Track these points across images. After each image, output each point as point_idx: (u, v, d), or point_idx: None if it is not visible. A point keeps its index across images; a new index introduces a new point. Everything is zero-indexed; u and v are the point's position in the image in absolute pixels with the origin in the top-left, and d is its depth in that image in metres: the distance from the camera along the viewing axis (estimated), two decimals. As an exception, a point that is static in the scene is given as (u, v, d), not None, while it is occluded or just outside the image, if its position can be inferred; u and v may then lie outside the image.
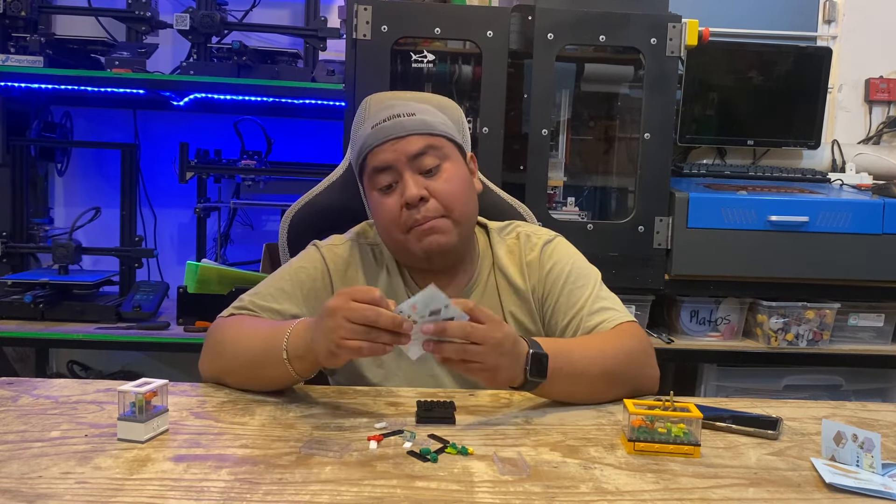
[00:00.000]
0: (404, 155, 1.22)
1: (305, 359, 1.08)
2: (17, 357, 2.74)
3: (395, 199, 1.22)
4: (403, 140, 1.22)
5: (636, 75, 2.43)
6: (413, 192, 1.20)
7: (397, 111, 1.26)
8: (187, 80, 2.49)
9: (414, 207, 1.21)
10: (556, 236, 1.36)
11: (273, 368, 1.11)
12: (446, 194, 1.22)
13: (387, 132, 1.23)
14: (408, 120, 1.24)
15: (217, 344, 1.21)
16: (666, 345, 2.38)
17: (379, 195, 1.25)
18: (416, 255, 1.24)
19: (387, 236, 1.27)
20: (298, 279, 1.27)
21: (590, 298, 1.27)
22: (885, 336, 2.50)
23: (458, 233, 1.24)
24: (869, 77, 2.89)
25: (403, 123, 1.24)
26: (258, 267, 2.53)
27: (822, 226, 2.34)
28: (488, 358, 1.02)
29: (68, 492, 0.80)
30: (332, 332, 1.00)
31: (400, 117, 1.24)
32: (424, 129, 1.24)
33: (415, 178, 1.22)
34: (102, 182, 2.88)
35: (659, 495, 0.85)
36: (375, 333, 0.98)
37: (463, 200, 1.25)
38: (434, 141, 1.24)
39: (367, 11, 2.21)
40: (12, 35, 2.49)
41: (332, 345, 1.00)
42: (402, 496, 0.82)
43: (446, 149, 1.26)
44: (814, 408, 1.20)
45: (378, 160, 1.23)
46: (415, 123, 1.24)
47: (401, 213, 1.22)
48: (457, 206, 1.23)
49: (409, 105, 1.29)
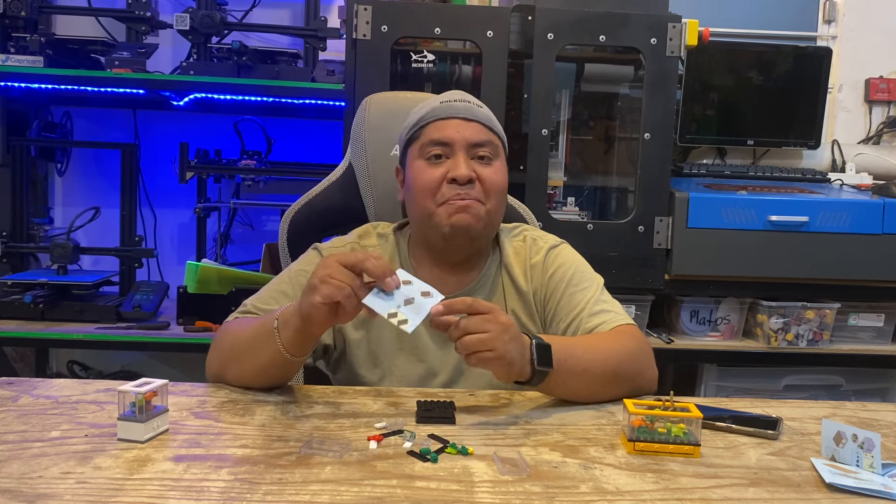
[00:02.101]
0: (465, 139, 1.27)
1: (289, 323, 1.09)
2: (17, 357, 2.74)
3: (441, 170, 1.26)
4: (470, 124, 1.28)
5: (636, 75, 2.43)
6: (464, 172, 1.24)
7: (468, 98, 1.32)
8: (187, 80, 2.49)
9: (459, 185, 1.24)
10: (561, 242, 1.38)
11: (264, 345, 1.12)
12: (491, 183, 1.27)
13: (457, 110, 1.29)
14: (477, 108, 1.31)
15: (219, 342, 1.24)
16: (666, 345, 2.38)
17: (424, 164, 1.28)
18: (439, 230, 1.26)
19: (417, 205, 1.28)
20: (299, 282, 1.28)
21: (590, 301, 1.28)
22: (885, 336, 2.50)
23: (486, 223, 1.28)
24: (869, 77, 2.89)
25: (474, 111, 1.30)
26: (258, 267, 2.53)
27: (822, 226, 2.34)
28: (498, 343, 1.03)
29: (68, 492, 0.80)
30: (322, 269, 1.04)
31: (470, 104, 1.31)
32: (490, 123, 1.31)
33: (468, 161, 1.26)
34: (102, 182, 2.88)
35: (659, 495, 0.85)
36: (360, 283, 1.03)
37: (501, 196, 1.31)
38: (494, 138, 1.31)
39: (367, 11, 2.21)
40: (12, 35, 2.49)
41: (316, 279, 1.03)
42: (402, 496, 0.82)
43: (499, 147, 1.32)
44: (814, 408, 1.20)
45: (440, 134, 1.27)
46: (483, 115, 1.31)
47: (440, 186, 1.25)
48: (495, 198, 1.28)
49: (474, 98, 1.34)
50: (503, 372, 1.06)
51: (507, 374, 1.07)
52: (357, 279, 1.03)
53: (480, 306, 1.05)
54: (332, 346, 1.32)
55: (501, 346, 1.03)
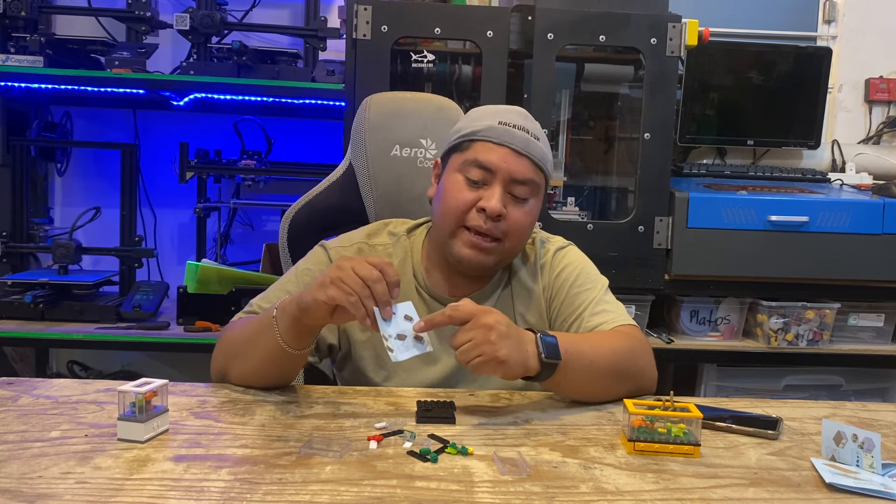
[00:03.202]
0: (510, 172, 1.23)
1: (287, 311, 1.09)
2: (17, 357, 2.74)
3: (474, 195, 1.23)
4: (519, 157, 1.23)
5: (636, 75, 2.42)
6: (496, 207, 1.21)
7: (529, 126, 1.26)
8: (187, 80, 2.49)
9: (487, 216, 1.22)
10: (569, 244, 1.39)
11: (264, 337, 1.12)
12: (517, 226, 1.25)
13: (512, 138, 1.23)
14: (533, 142, 1.25)
15: (221, 342, 1.24)
16: (666, 345, 2.38)
17: (462, 181, 1.25)
18: (452, 252, 1.26)
19: (443, 216, 1.27)
20: (304, 282, 1.28)
21: (593, 301, 1.29)
22: (885, 336, 2.50)
23: (499, 260, 1.27)
24: (869, 77, 2.89)
25: (528, 143, 1.24)
26: (258, 267, 2.53)
27: (822, 226, 2.34)
28: (484, 347, 1.03)
29: (68, 492, 0.80)
30: (336, 270, 1.04)
31: (528, 134, 1.25)
32: (540, 160, 1.26)
33: (503, 195, 1.23)
34: (102, 182, 2.88)
35: (659, 495, 0.85)
36: (367, 294, 1.02)
37: (523, 237, 1.29)
38: (537, 177, 1.26)
39: (367, 11, 2.21)
40: (12, 35, 2.49)
41: (327, 279, 1.04)
42: (402, 496, 0.82)
43: (540, 186, 1.28)
44: (814, 408, 1.20)
45: (487, 158, 1.23)
46: (536, 149, 1.25)
47: (469, 210, 1.23)
48: (516, 240, 1.27)
49: (538, 128, 1.28)
50: (500, 371, 1.06)
51: (505, 373, 1.06)
52: (366, 290, 1.03)
53: (460, 315, 1.05)
54: (337, 345, 1.32)
55: (489, 349, 1.03)
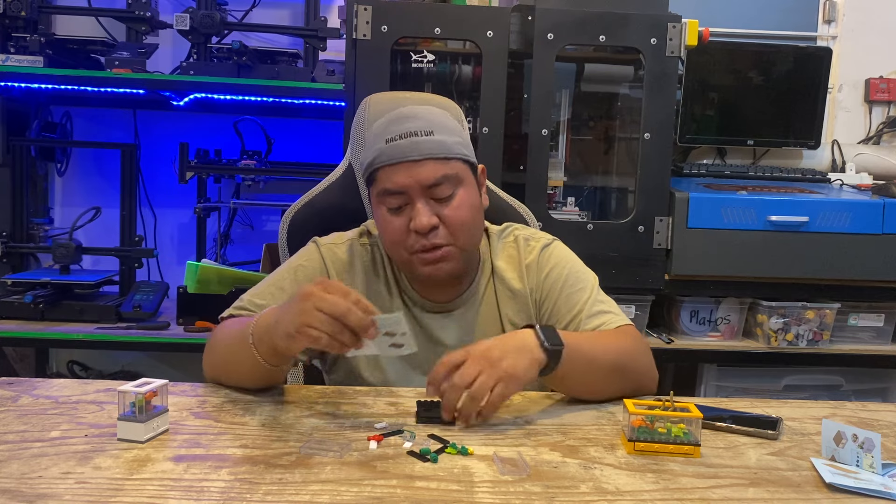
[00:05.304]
0: (419, 183, 1.17)
1: (263, 341, 1.07)
2: (17, 357, 2.74)
3: (403, 220, 1.19)
4: (419, 165, 1.17)
5: (636, 75, 2.42)
6: (424, 222, 1.17)
7: (413, 127, 1.19)
8: (187, 80, 2.49)
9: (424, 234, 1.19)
10: (553, 239, 1.36)
11: (244, 355, 1.10)
12: (457, 223, 1.20)
13: (402, 152, 1.17)
14: (425, 141, 1.18)
15: (212, 345, 1.23)
16: (666, 345, 2.38)
17: (387, 213, 1.21)
18: (417, 274, 1.24)
19: (392, 253, 1.27)
20: (297, 278, 1.28)
21: (588, 301, 1.28)
22: (885, 336, 2.50)
23: (463, 258, 1.24)
24: (869, 77, 2.89)
25: (420, 145, 1.17)
26: (258, 267, 2.53)
27: (822, 226, 2.34)
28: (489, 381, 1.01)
29: (68, 492, 0.80)
30: (298, 315, 0.99)
31: (417, 136, 1.18)
32: (441, 153, 1.19)
33: (427, 206, 1.18)
34: (102, 182, 2.88)
35: (659, 495, 0.85)
36: (339, 329, 0.98)
37: (471, 228, 1.23)
38: (449, 169, 1.19)
39: (367, 11, 2.21)
40: (12, 35, 2.49)
41: (292, 328, 0.99)
42: (402, 496, 0.82)
43: (461, 173, 1.21)
44: (814, 408, 1.20)
45: (391, 182, 1.18)
46: (432, 146, 1.18)
47: (408, 235, 1.19)
48: (464, 234, 1.22)
49: (425, 119, 1.21)
50: (517, 386, 1.05)
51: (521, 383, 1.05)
52: (336, 325, 0.97)
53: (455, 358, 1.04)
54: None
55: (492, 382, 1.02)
